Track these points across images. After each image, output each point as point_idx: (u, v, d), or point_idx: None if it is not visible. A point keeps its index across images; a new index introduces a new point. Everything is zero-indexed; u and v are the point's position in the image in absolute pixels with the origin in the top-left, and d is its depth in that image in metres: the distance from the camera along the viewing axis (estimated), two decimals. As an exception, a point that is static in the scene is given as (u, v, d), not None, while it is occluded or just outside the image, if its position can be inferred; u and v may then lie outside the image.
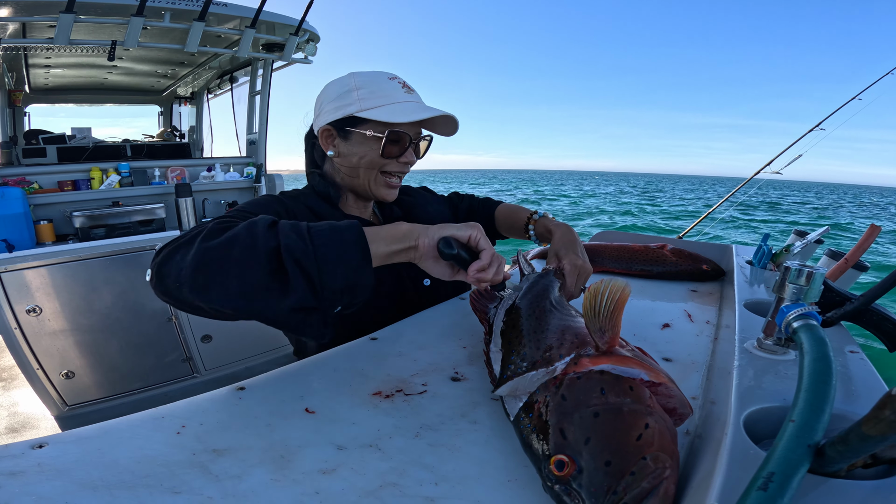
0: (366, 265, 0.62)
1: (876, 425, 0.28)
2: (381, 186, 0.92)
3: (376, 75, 0.88)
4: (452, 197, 1.26)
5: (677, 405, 0.46)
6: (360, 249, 0.61)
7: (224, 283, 0.57)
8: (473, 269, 0.67)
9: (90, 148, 2.96)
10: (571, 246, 0.91)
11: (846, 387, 0.50)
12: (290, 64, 3.14)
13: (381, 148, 0.86)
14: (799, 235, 1.19)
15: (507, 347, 0.56)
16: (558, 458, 0.39)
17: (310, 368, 0.66)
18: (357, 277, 0.61)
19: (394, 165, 0.90)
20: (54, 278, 2.19)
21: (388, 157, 0.88)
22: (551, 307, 0.63)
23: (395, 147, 0.88)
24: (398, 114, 0.83)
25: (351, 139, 0.88)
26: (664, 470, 0.36)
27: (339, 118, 0.87)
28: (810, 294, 0.55)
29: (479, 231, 0.69)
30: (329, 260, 0.59)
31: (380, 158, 0.88)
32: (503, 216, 1.17)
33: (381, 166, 0.90)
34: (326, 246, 0.59)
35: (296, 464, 0.45)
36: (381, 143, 0.86)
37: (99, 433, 0.49)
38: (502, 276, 0.70)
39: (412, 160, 0.91)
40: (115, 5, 2.23)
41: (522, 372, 0.50)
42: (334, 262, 0.59)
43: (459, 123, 0.91)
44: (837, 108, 3.11)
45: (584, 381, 0.44)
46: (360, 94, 0.85)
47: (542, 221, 1.06)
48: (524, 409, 0.47)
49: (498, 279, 0.70)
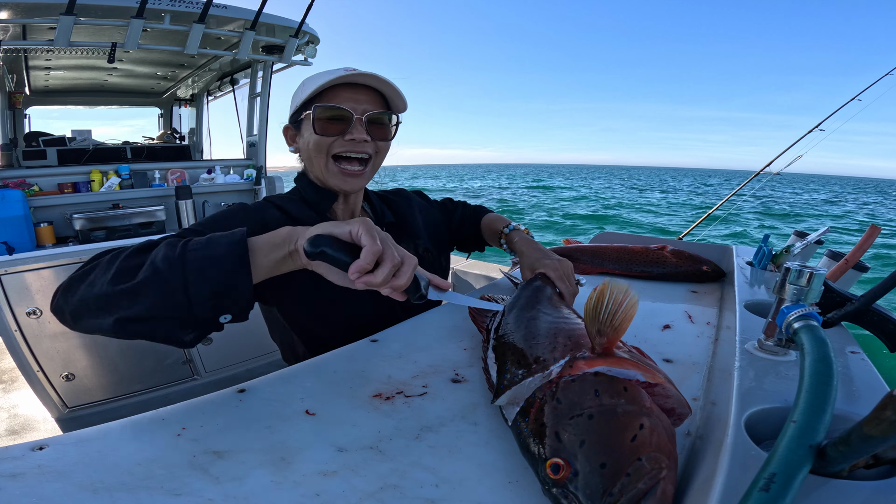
0: (241, 270, 0.58)
1: (877, 426, 0.28)
2: (335, 175, 0.87)
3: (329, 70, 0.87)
4: (446, 203, 1.26)
5: (675, 405, 0.46)
6: (234, 254, 0.58)
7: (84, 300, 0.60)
8: (353, 272, 0.56)
9: (90, 150, 2.96)
10: (541, 253, 0.93)
11: (847, 387, 0.50)
12: (290, 66, 3.15)
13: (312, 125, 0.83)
14: (799, 236, 1.19)
15: (501, 359, 0.57)
16: (554, 461, 0.39)
17: (310, 370, 0.66)
18: (233, 280, 0.58)
19: (340, 145, 0.84)
20: (55, 281, 2.19)
21: (326, 134, 0.83)
22: (541, 313, 0.64)
23: (333, 125, 0.83)
24: (316, 82, 0.82)
25: (301, 130, 0.89)
26: (660, 471, 0.36)
27: (292, 113, 0.88)
28: (811, 295, 0.55)
29: (362, 225, 0.58)
30: (195, 267, 0.57)
31: (320, 138, 0.84)
32: (486, 225, 1.19)
33: (326, 148, 0.85)
34: (196, 251, 0.58)
35: (296, 466, 0.45)
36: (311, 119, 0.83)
37: (99, 435, 0.49)
38: (405, 280, 0.59)
39: (360, 137, 0.84)
40: (115, 7, 2.24)
41: (519, 380, 0.50)
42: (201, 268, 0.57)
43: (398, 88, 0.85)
44: (836, 108, 3.11)
45: (579, 384, 0.44)
46: (304, 86, 0.86)
47: (510, 235, 1.08)
48: (521, 413, 0.47)
49: (399, 283, 0.58)
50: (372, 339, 0.77)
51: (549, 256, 0.92)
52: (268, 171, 3.40)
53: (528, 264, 0.93)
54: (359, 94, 0.85)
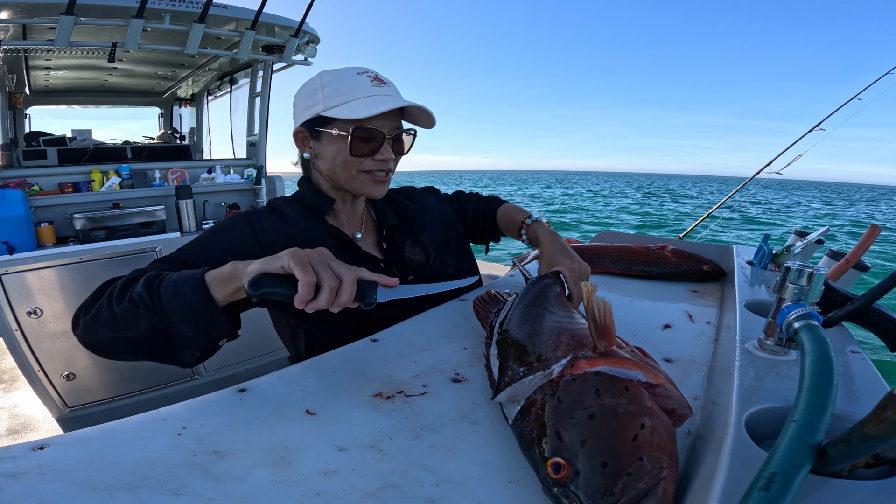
0: (209, 306, 0.66)
1: (878, 425, 0.28)
2: (367, 184, 0.89)
3: (345, 71, 0.86)
4: (458, 196, 1.25)
5: (676, 406, 0.46)
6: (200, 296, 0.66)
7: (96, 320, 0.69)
8: (298, 304, 0.60)
9: (91, 150, 2.97)
10: (562, 251, 0.91)
11: (847, 387, 0.50)
12: (290, 66, 3.15)
13: (349, 147, 0.84)
14: (799, 236, 1.19)
15: (504, 355, 0.57)
16: (555, 460, 0.39)
17: (310, 370, 0.66)
18: (209, 318, 0.66)
19: (370, 164, 0.86)
20: (55, 280, 2.19)
21: (358, 155, 0.85)
22: (546, 311, 0.63)
23: (365, 145, 0.84)
24: (361, 109, 0.81)
25: (322, 139, 0.87)
26: (661, 470, 0.36)
27: (309, 119, 0.86)
28: (811, 294, 0.55)
29: (292, 259, 0.60)
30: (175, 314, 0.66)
31: (352, 158, 0.85)
32: (503, 216, 1.18)
33: (356, 165, 0.86)
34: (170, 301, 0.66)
35: (297, 465, 0.45)
36: (349, 141, 0.83)
37: (100, 435, 0.49)
38: (347, 296, 0.61)
39: (388, 157, 0.87)
40: (116, 7, 2.24)
41: (520, 377, 0.50)
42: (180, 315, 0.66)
43: (434, 113, 0.88)
44: (837, 108, 3.11)
45: (580, 383, 0.44)
46: (326, 93, 0.83)
47: (532, 227, 1.06)
48: (521, 412, 0.47)
49: (343, 300, 0.61)
50: (372, 338, 0.77)
51: (569, 256, 0.89)
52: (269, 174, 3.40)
53: (546, 259, 0.92)
54: (388, 112, 0.84)
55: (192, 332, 0.67)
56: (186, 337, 0.67)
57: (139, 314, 0.66)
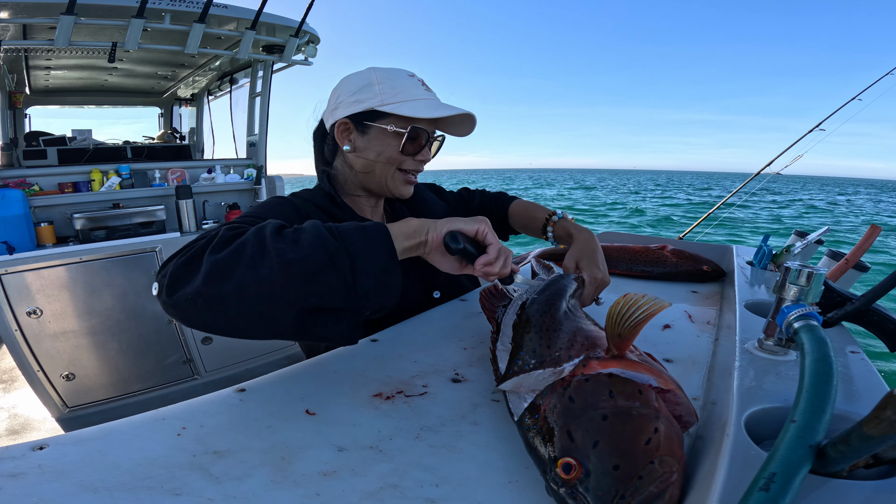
0: (394, 265, 0.61)
1: (877, 426, 0.28)
2: (400, 183, 0.91)
3: (396, 71, 0.88)
4: (463, 193, 1.24)
5: (684, 413, 0.46)
6: (387, 249, 0.60)
7: (240, 292, 0.54)
8: (480, 264, 0.68)
9: (90, 150, 2.97)
10: (593, 256, 0.89)
11: (847, 387, 0.50)
12: (291, 66, 3.15)
13: (401, 144, 0.85)
14: (799, 236, 1.19)
15: (517, 342, 0.56)
16: (565, 460, 0.38)
17: (310, 370, 0.66)
18: (387, 278, 0.60)
19: (410, 163, 0.89)
20: (55, 280, 2.19)
21: (406, 153, 0.87)
22: (567, 308, 0.63)
23: (413, 144, 0.87)
24: (422, 109, 0.82)
25: (369, 134, 0.87)
26: (671, 475, 0.36)
27: (359, 112, 0.85)
28: (811, 294, 0.55)
29: (486, 225, 0.69)
30: (361, 257, 0.57)
31: (398, 155, 0.87)
32: (518, 213, 1.16)
33: (398, 163, 0.88)
34: (357, 245, 0.58)
35: (296, 465, 0.45)
36: (402, 138, 0.85)
37: (99, 435, 0.49)
38: (509, 269, 0.71)
39: (428, 158, 0.91)
40: (116, 7, 2.24)
41: (530, 369, 0.49)
42: (365, 260, 0.58)
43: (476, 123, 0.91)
44: (837, 108, 3.11)
45: (593, 384, 0.43)
46: (382, 89, 0.84)
47: (561, 224, 1.03)
48: (529, 410, 0.46)
49: (505, 272, 0.71)
50: (372, 338, 0.77)
51: (597, 264, 0.87)
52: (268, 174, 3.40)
53: (576, 256, 0.90)
54: None
55: (371, 287, 0.58)
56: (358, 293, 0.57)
57: (313, 256, 0.55)
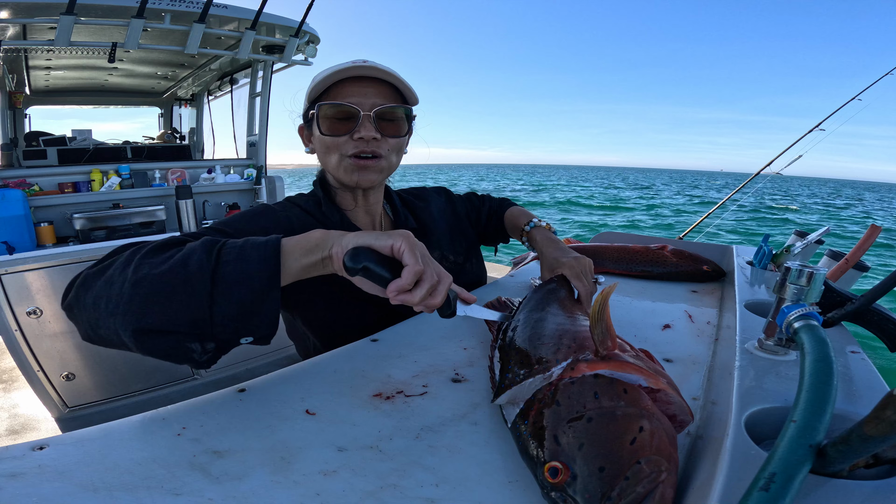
0: (271, 292, 0.54)
1: (877, 426, 0.28)
2: (351, 170, 0.82)
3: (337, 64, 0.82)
4: (471, 198, 1.23)
5: (677, 412, 0.46)
6: (267, 275, 0.54)
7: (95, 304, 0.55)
8: (392, 291, 0.55)
9: (90, 150, 2.97)
10: (558, 252, 0.91)
11: (847, 387, 0.50)
12: (290, 66, 3.15)
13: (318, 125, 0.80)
14: (799, 236, 1.19)
15: (505, 359, 0.57)
16: (552, 464, 0.39)
17: (310, 370, 0.66)
18: (257, 304, 0.54)
19: (349, 146, 0.80)
20: (55, 280, 2.19)
21: (333, 134, 0.79)
22: (549, 315, 0.63)
23: (341, 124, 0.79)
24: (320, 84, 0.79)
25: (313, 130, 0.85)
26: (660, 474, 0.36)
27: (304, 112, 0.86)
28: (811, 294, 0.55)
29: (405, 241, 0.55)
30: (225, 282, 0.53)
31: (330, 139, 0.80)
32: (509, 219, 1.17)
33: (337, 149, 0.81)
34: (227, 267, 0.53)
35: (296, 465, 0.45)
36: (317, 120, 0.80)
37: (100, 435, 0.49)
38: (440, 300, 0.57)
39: (369, 135, 0.79)
40: (116, 7, 2.24)
41: (520, 380, 0.50)
42: (230, 285, 0.53)
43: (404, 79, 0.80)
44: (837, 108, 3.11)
45: (578, 386, 0.44)
46: (313, 83, 0.81)
47: (532, 232, 1.06)
48: (520, 415, 0.46)
49: (433, 304, 0.57)
50: (372, 338, 0.77)
51: (566, 254, 0.89)
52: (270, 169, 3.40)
53: (547, 264, 0.92)
54: (367, 87, 0.79)
55: (234, 314, 0.53)
56: (215, 320, 0.53)
57: (166, 276, 0.52)
